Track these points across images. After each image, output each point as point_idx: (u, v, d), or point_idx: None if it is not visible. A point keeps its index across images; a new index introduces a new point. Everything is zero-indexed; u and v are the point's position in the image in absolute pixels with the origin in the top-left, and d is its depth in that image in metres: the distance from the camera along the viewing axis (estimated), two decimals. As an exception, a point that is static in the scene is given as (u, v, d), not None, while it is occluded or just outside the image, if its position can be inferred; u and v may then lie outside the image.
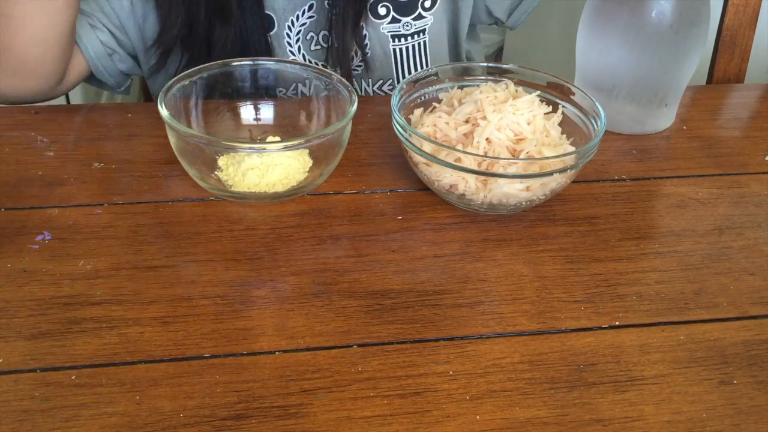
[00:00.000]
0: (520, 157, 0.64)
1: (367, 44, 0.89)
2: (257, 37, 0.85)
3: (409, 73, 0.92)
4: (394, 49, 0.90)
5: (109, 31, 0.85)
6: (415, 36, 0.90)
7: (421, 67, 0.93)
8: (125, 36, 0.86)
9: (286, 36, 0.88)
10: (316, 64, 0.90)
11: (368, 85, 0.92)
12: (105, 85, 0.90)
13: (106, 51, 0.85)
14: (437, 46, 0.93)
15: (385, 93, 0.93)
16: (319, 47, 0.89)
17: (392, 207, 0.67)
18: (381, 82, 0.92)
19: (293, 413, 0.49)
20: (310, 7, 0.87)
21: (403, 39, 0.89)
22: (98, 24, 0.84)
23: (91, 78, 0.88)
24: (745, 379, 0.52)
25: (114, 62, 0.86)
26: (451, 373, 0.52)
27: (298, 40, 0.88)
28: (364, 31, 0.88)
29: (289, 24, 0.87)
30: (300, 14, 0.87)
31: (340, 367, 0.52)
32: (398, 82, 0.92)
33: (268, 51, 0.87)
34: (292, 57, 0.89)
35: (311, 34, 0.88)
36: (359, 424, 0.48)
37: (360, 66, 0.90)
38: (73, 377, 0.50)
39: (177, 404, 0.49)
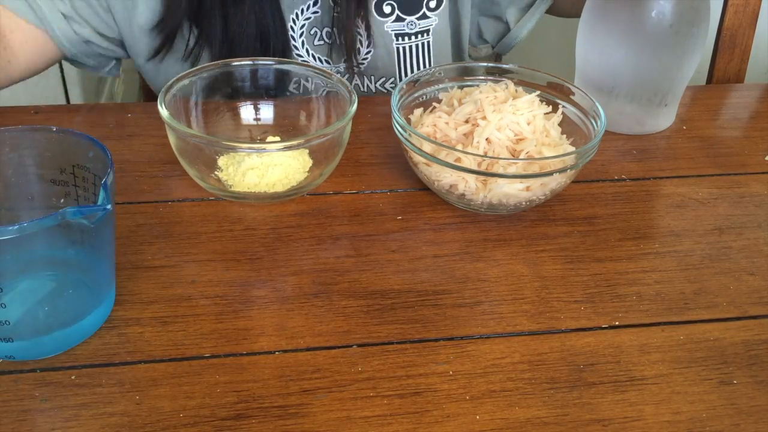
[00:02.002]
0: (520, 157, 0.64)
1: (371, 41, 0.89)
2: (272, 16, 0.85)
3: (413, 72, 0.92)
4: (398, 48, 0.90)
5: (87, 22, 0.85)
6: (419, 36, 0.90)
7: (425, 67, 0.93)
8: (108, 25, 0.86)
9: (290, 30, 0.87)
10: (320, 60, 0.90)
11: (371, 82, 0.92)
12: (85, 66, 0.90)
13: (80, 39, 0.85)
14: (441, 47, 0.93)
15: (388, 90, 0.93)
16: (322, 42, 0.89)
17: (392, 207, 0.67)
18: (384, 79, 0.92)
19: (293, 413, 0.49)
20: (315, 2, 0.87)
21: (407, 38, 0.89)
22: (74, 16, 0.84)
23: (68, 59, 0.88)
24: (745, 379, 0.52)
25: (91, 47, 0.87)
26: (451, 373, 0.52)
27: (302, 35, 0.88)
28: (370, 29, 0.88)
29: (294, 17, 0.87)
30: (305, 8, 0.87)
31: (340, 367, 0.52)
32: (400, 79, 0.92)
33: (283, 28, 0.86)
34: (296, 51, 0.89)
35: (315, 29, 0.88)
36: (359, 424, 0.48)
37: (363, 63, 0.90)
38: (73, 377, 0.50)
39: (177, 404, 0.49)
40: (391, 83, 0.93)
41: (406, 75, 0.92)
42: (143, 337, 0.53)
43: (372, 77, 0.92)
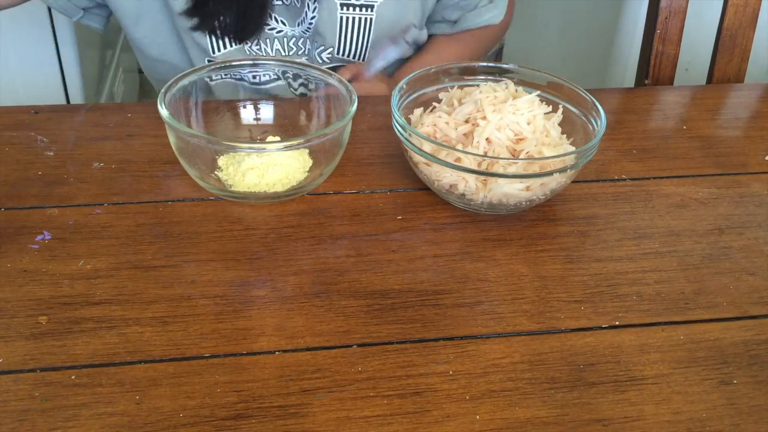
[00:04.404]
0: (520, 157, 0.64)
1: (316, 6, 0.88)
2: None
3: (351, 45, 0.91)
4: (341, 17, 0.89)
5: None
6: (363, 9, 0.88)
7: (363, 44, 0.91)
8: None
9: None
10: (276, 19, 0.88)
11: (313, 49, 0.91)
12: (56, 6, 0.91)
13: None
14: (384, 27, 0.91)
15: (326, 61, 0.92)
16: (280, 2, 0.87)
17: (392, 207, 0.67)
18: (323, 48, 0.91)
19: (293, 413, 0.49)
20: None
21: (350, 8, 0.88)
22: None
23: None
24: (745, 379, 0.52)
25: None
26: (451, 373, 0.52)
27: None
28: None
29: None
30: None
31: (340, 367, 0.52)
32: (338, 51, 0.91)
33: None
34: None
35: None
36: (359, 424, 0.48)
37: (309, 28, 0.89)
38: (73, 377, 0.50)
39: (177, 404, 0.49)
40: (328, 54, 0.91)
41: (344, 47, 0.90)
42: (143, 337, 0.53)
43: (316, 43, 0.91)
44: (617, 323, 0.57)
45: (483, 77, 0.74)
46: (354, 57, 0.92)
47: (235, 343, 0.53)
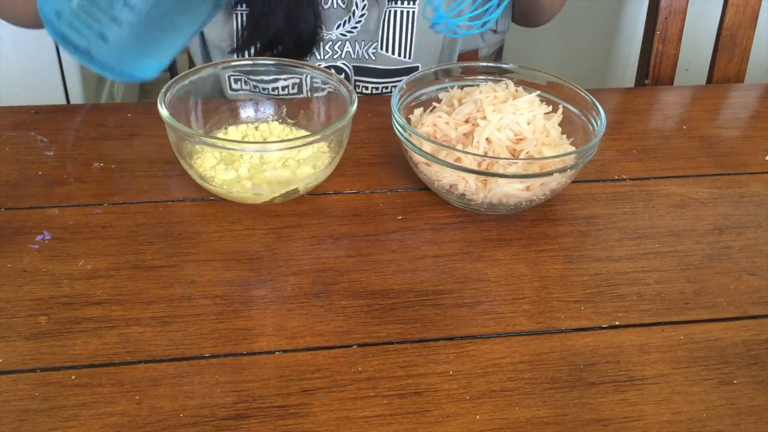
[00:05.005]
0: (520, 157, 0.64)
1: (365, 4, 0.87)
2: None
3: (393, 40, 0.90)
4: (386, 11, 0.89)
5: None
6: (406, 2, 0.88)
7: (405, 38, 0.91)
8: None
9: None
10: None
11: (360, 47, 0.91)
12: None
13: None
14: (426, 23, 0.91)
15: (369, 56, 0.92)
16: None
17: (392, 207, 0.67)
18: (374, 44, 0.90)
19: (293, 413, 0.49)
20: None
21: (396, 1, 0.88)
22: None
23: None
24: (745, 379, 0.52)
25: None
26: (451, 373, 0.52)
27: None
28: None
29: None
30: None
31: (340, 367, 0.52)
32: (381, 47, 0.91)
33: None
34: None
35: None
36: (359, 424, 0.48)
37: (356, 27, 0.89)
38: (73, 377, 0.50)
39: (177, 404, 0.49)
40: (373, 50, 0.91)
41: (386, 41, 0.90)
42: (143, 337, 0.53)
43: (362, 42, 0.90)
44: (617, 323, 0.57)
45: (483, 77, 0.74)
46: (398, 53, 0.91)
47: (235, 343, 0.53)
